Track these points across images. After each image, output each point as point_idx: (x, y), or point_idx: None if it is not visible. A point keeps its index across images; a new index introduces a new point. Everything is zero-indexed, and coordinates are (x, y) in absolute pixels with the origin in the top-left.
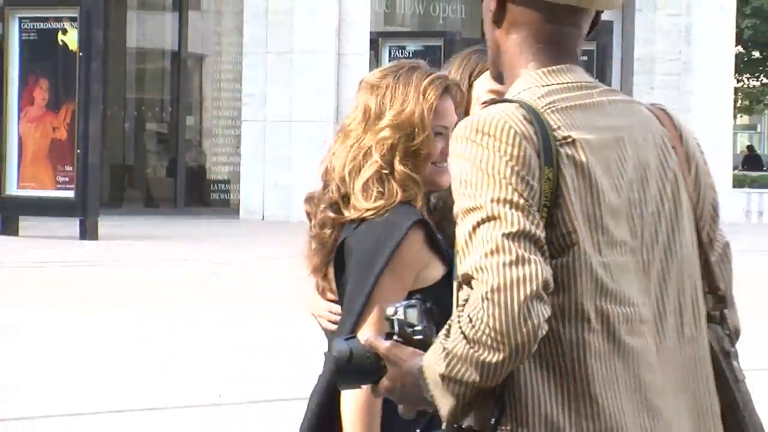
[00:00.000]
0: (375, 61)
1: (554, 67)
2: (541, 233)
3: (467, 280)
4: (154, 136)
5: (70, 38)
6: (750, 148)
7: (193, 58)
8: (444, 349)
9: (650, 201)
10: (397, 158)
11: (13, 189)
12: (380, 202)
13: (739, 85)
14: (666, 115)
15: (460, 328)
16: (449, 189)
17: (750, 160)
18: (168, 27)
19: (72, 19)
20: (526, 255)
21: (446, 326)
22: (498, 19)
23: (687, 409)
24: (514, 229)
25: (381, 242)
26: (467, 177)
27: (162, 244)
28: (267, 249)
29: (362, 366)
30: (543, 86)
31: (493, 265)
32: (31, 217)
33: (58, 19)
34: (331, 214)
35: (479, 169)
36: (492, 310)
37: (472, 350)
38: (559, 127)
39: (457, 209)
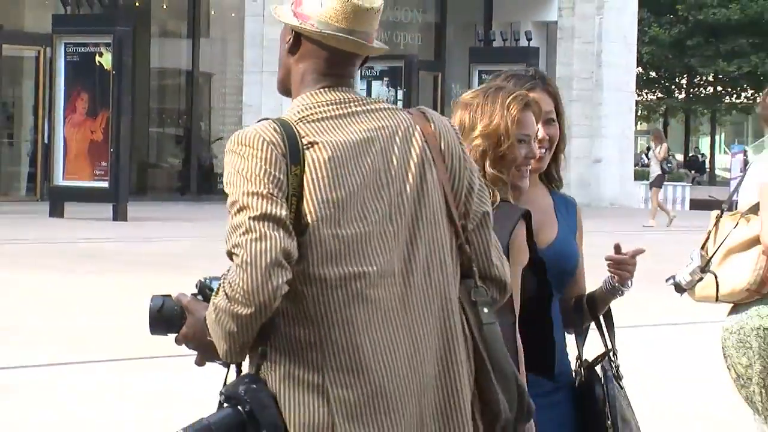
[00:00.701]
0: None
1: (317, 90)
2: (283, 214)
3: (230, 255)
4: (172, 138)
5: (106, 60)
6: (648, 149)
7: (204, 75)
8: (214, 303)
9: (394, 184)
10: (488, 162)
11: (59, 180)
12: None
13: (640, 98)
14: (424, 117)
15: (224, 289)
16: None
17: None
18: (183, 51)
19: (107, 45)
20: (269, 233)
21: (217, 287)
22: (293, 50)
23: (433, 341)
24: (259, 213)
25: (499, 234)
26: (230, 179)
27: (179, 224)
28: None
29: (171, 316)
30: (302, 104)
31: (244, 242)
32: (74, 203)
33: (96, 44)
34: None
35: (237, 172)
36: (243, 275)
37: (230, 305)
38: (307, 135)
39: (227, 205)
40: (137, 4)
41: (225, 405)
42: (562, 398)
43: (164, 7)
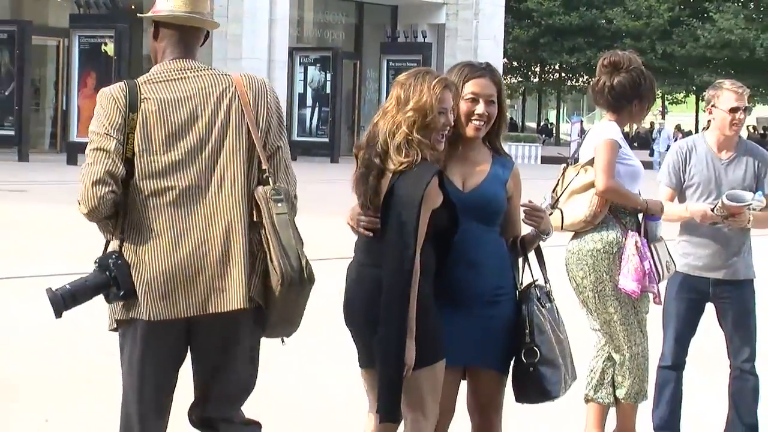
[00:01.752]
0: (290, 64)
1: (166, 61)
2: (112, 147)
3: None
4: None
5: (109, 48)
6: (510, 119)
7: None
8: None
9: (206, 127)
10: (415, 129)
11: (74, 137)
12: (409, 159)
13: (505, 81)
14: (242, 78)
15: (78, 195)
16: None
17: (511, 125)
18: None
19: (110, 37)
20: (99, 159)
21: None
22: (155, 36)
23: (223, 233)
24: (96, 146)
25: (418, 185)
26: (92, 119)
27: None
28: None
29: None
30: (153, 70)
31: (87, 164)
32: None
33: (102, 37)
34: (377, 161)
35: (95, 116)
36: (82, 187)
37: (79, 207)
38: (144, 93)
39: None
40: (132, 6)
41: (97, 270)
42: (505, 309)
43: None
